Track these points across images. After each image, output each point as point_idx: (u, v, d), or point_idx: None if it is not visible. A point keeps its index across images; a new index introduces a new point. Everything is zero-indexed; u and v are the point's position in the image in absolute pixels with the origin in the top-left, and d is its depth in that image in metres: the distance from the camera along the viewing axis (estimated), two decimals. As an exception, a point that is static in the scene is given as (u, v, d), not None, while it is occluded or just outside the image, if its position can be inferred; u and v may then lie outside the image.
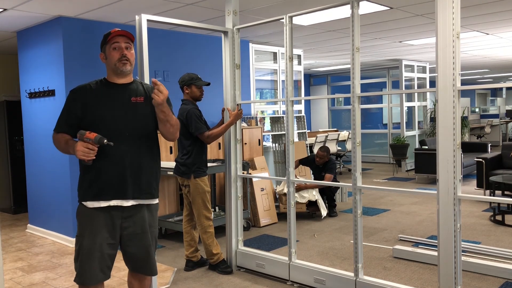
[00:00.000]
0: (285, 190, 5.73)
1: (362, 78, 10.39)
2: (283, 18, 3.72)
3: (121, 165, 2.41)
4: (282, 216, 5.90)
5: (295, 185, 6.05)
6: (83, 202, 2.45)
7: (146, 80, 3.30)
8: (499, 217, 5.51)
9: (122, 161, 2.41)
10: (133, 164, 2.44)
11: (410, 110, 10.96)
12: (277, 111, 7.77)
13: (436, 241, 2.94)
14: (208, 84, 4.09)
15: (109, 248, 2.44)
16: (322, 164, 6.18)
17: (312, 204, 6.00)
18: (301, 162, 6.36)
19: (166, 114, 2.43)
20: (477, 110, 17.59)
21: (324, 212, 5.94)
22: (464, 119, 12.56)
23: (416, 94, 10.82)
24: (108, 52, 2.46)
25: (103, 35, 2.50)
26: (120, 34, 2.44)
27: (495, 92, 23.02)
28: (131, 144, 2.43)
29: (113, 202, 2.42)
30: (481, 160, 6.99)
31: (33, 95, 5.56)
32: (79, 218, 2.46)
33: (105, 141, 2.33)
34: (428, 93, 11.57)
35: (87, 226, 2.42)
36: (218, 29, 4.05)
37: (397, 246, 4.45)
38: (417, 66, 10.87)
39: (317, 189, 6.01)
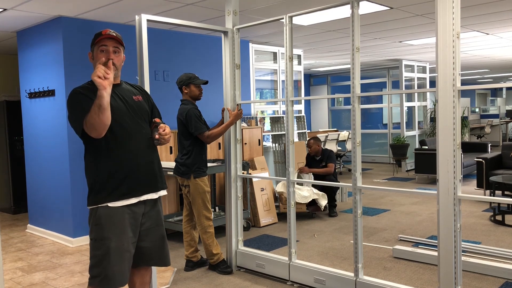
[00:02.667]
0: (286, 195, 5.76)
1: (362, 78, 10.42)
2: (283, 18, 3.72)
3: (148, 160, 2.49)
4: (282, 216, 5.90)
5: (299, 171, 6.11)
6: (108, 204, 2.37)
7: (146, 81, 3.31)
8: (499, 217, 5.51)
9: (148, 156, 2.50)
10: (155, 158, 2.55)
11: (410, 110, 10.97)
12: (277, 111, 7.77)
13: (436, 241, 2.94)
14: (206, 82, 4.09)
15: (132, 247, 2.45)
16: (317, 154, 6.23)
17: (312, 204, 6.00)
18: (306, 164, 6.40)
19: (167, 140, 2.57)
20: (477, 110, 17.59)
21: (324, 202, 5.95)
22: (464, 119, 12.57)
23: (416, 94, 10.83)
24: (96, 54, 2.47)
25: (94, 34, 2.50)
26: (110, 37, 2.43)
27: (495, 92, 23.03)
28: (147, 140, 2.52)
29: (144, 197, 2.46)
30: (481, 160, 6.99)
31: (33, 95, 5.56)
32: (101, 221, 2.37)
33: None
34: (428, 93, 11.57)
35: (112, 227, 2.37)
36: (218, 29, 4.05)
37: (397, 246, 4.45)
38: (417, 66, 10.87)
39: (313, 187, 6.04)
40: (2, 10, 4.66)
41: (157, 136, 2.48)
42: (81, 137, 2.40)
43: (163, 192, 2.60)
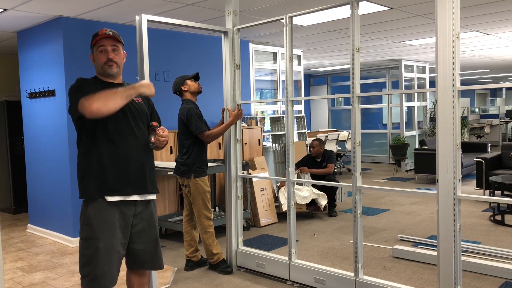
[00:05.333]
0: (283, 202, 5.77)
1: (362, 78, 10.41)
2: (283, 18, 3.73)
3: (140, 161, 2.48)
4: (282, 216, 5.91)
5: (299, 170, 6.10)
6: (97, 198, 2.37)
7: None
8: (498, 217, 5.51)
9: (140, 158, 2.49)
10: (146, 160, 2.53)
11: (410, 110, 10.97)
12: (277, 111, 7.77)
13: (436, 241, 2.95)
14: (197, 74, 4.12)
15: (122, 248, 2.45)
16: (318, 156, 6.23)
17: (312, 204, 6.00)
18: (297, 165, 6.31)
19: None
20: (476, 110, 17.60)
21: (324, 201, 5.96)
22: (464, 119, 12.57)
23: (416, 94, 10.83)
24: (96, 55, 2.48)
25: (92, 35, 2.50)
26: (106, 36, 2.43)
27: (495, 92, 23.02)
28: (142, 142, 2.51)
29: (132, 197, 2.45)
30: (480, 160, 6.99)
31: (33, 95, 5.56)
32: (91, 221, 2.38)
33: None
34: (428, 93, 11.57)
35: (101, 228, 2.37)
36: (218, 29, 4.05)
37: (397, 246, 4.46)
38: (417, 66, 10.88)
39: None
40: (2, 10, 4.66)
41: (153, 140, 2.48)
42: (76, 122, 2.41)
43: (151, 196, 2.56)
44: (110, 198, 2.39)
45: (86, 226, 2.40)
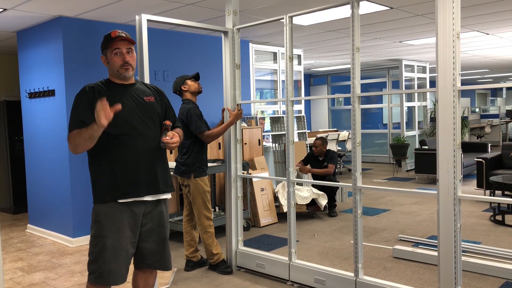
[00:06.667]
0: (283, 203, 5.76)
1: (362, 78, 10.41)
2: (283, 18, 3.72)
3: (151, 161, 2.48)
4: (282, 216, 5.90)
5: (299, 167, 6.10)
6: (109, 201, 2.40)
7: (146, 81, 3.31)
8: (499, 217, 5.51)
9: (152, 158, 2.49)
10: (158, 159, 2.53)
11: (410, 110, 10.97)
12: (277, 111, 7.77)
13: (436, 241, 2.95)
14: (197, 73, 4.11)
15: (132, 247, 2.46)
16: (320, 155, 6.24)
17: (312, 204, 6.00)
18: (304, 161, 6.37)
19: (180, 140, 2.60)
20: (477, 110, 17.58)
21: (324, 201, 5.96)
22: (464, 119, 12.56)
23: (416, 94, 10.83)
24: (110, 57, 2.49)
25: (104, 37, 2.50)
26: (121, 39, 2.45)
27: (495, 92, 23.03)
28: (154, 142, 2.51)
29: (145, 198, 2.47)
30: (481, 160, 6.99)
31: (33, 95, 5.56)
32: (100, 218, 2.41)
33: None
34: (428, 93, 11.57)
35: (110, 226, 2.39)
36: (218, 29, 4.05)
37: (397, 246, 4.45)
38: (417, 66, 10.87)
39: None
40: (2, 10, 4.66)
41: (163, 139, 2.49)
42: None
43: (165, 195, 2.58)
44: (122, 200, 2.42)
45: (95, 223, 2.43)
